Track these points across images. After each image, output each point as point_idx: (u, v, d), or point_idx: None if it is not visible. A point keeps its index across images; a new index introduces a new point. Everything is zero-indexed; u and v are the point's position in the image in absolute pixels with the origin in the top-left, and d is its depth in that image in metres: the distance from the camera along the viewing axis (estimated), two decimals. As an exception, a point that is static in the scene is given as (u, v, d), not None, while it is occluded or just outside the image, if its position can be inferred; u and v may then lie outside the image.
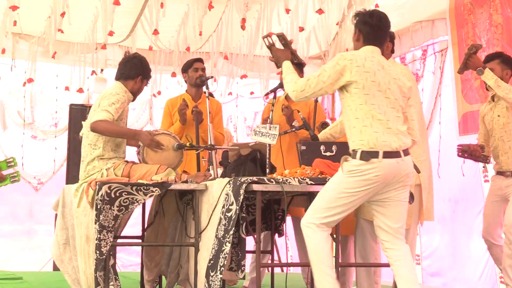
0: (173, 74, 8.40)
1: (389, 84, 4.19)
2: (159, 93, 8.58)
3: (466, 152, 5.62)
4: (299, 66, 5.14)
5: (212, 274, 4.61)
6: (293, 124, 5.76)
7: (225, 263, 4.57)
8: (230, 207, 4.59)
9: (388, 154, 4.09)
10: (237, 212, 4.52)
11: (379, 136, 4.10)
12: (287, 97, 6.26)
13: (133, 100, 5.49)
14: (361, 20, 4.33)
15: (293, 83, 4.25)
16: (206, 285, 4.64)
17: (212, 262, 4.66)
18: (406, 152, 4.17)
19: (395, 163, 4.11)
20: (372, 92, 4.15)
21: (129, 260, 10.55)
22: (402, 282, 4.15)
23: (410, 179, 4.21)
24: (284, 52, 4.56)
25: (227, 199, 4.63)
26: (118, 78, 5.42)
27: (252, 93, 8.79)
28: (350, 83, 4.16)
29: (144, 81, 5.44)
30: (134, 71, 5.38)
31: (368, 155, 4.08)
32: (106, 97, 5.20)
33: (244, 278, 4.88)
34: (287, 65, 4.41)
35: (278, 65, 4.52)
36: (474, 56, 5.39)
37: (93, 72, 8.36)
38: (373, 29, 4.30)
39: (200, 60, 6.45)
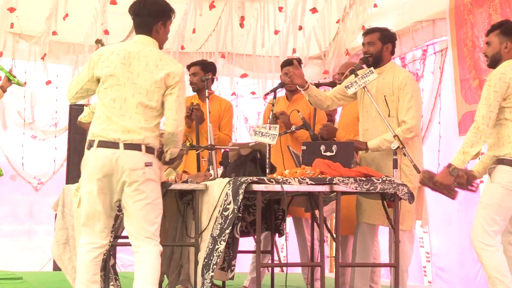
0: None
1: (137, 78, 4.17)
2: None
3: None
4: None
5: (206, 272, 4.61)
6: (291, 128, 5.75)
7: (218, 261, 4.57)
8: (227, 206, 4.59)
9: (102, 144, 4.11)
10: (234, 211, 4.52)
11: (101, 127, 4.14)
12: (287, 97, 6.27)
13: None
14: None
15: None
16: (201, 284, 4.65)
17: (206, 260, 4.66)
18: (134, 147, 4.11)
19: (110, 154, 4.10)
20: (110, 85, 4.17)
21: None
22: (137, 282, 4.16)
23: (140, 180, 4.12)
24: None
25: (226, 198, 4.64)
26: None
27: (253, 93, 8.79)
28: (99, 78, 4.21)
29: None
30: None
31: (88, 144, 4.16)
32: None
33: (232, 278, 4.88)
34: None
35: None
36: None
37: None
38: (133, 18, 4.34)
39: (193, 65, 6.42)
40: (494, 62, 4.71)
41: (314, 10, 7.36)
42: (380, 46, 5.27)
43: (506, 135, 4.60)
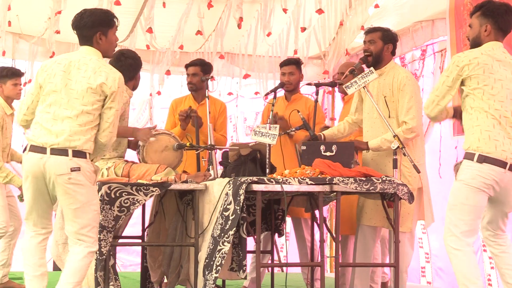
0: (167, 72, 8.37)
1: (74, 84, 4.26)
2: (158, 93, 8.58)
3: None
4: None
5: (208, 273, 4.61)
6: (288, 131, 5.74)
7: (223, 262, 4.57)
8: (227, 206, 4.59)
9: (32, 148, 4.26)
10: (237, 212, 4.52)
11: (34, 132, 4.29)
12: (286, 97, 6.26)
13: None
14: None
15: None
16: (203, 284, 4.65)
17: (207, 261, 4.66)
18: (60, 152, 4.21)
19: (38, 159, 4.23)
20: (48, 92, 4.29)
21: (129, 260, 10.53)
22: (60, 281, 4.29)
23: (66, 185, 4.21)
24: None
25: (226, 198, 4.63)
26: None
27: (257, 93, 8.79)
28: (42, 87, 4.34)
29: (138, 75, 5.48)
30: (132, 72, 5.36)
31: (24, 147, 4.35)
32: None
33: (245, 278, 4.89)
34: None
35: None
36: None
37: None
38: (75, 31, 4.43)
39: (191, 64, 6.41)
40: (474, 46, 4.38)
41: (320, 11, 7.35)
42: (381, 45, 5.26)
43: (470, 126, 4.27)
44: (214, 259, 4.59)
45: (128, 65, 5.36)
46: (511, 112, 4.26)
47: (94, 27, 4.36)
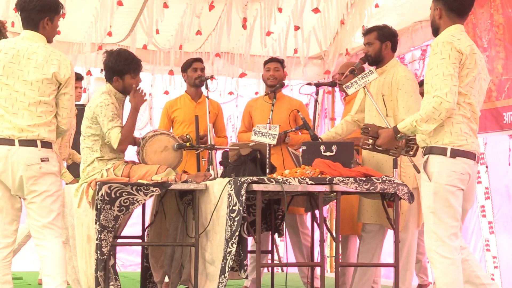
0: (171, 72, 8.38)
1: (27, 75, 4.22)
2: (166, 92, 8.58)
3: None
4: None
5: (221, 275, 4.60)
6: (288, 131, 5.76)
7: (231, 264, 4.57)
8: (233, 207, 4.58)
9: None
10: (240, 212, 4.51)
11: None
12: (272, 96, 6.24)
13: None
14: None
15: None
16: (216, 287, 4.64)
17: (223, 264, 4.64)
18: (29, 143, 4.18)
19: (6, 151, 4.18)
20: (0, 86, 4.22)
21: (129, 260, 10.53)
22: (45, 279, 4.25)
23: (37, 175, 4.19)
24: None
25: (230, 199, 4.63)
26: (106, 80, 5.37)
27: (257, 93, 8.78)
28: None
29: (125, 78, 5.20)
30: (108, 73, 5.28)
31: None
32: (102, 114, 5.07)
33: (247, 277, 4.87)
34: None
35: None
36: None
37: (89, 72, 8.29)
38: (20, 13, 4.37)
39: (199, 60, 6.46)
40: (433, 32, 4.26)
41: (316, 10, 7.35)
42: (379, 45, 5.25)
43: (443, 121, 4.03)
44: (225, 261, 4.58)
45: (105, 66, 5.27)
46: (479, 107, 4.13)
47: (43, 12, 4.31)
